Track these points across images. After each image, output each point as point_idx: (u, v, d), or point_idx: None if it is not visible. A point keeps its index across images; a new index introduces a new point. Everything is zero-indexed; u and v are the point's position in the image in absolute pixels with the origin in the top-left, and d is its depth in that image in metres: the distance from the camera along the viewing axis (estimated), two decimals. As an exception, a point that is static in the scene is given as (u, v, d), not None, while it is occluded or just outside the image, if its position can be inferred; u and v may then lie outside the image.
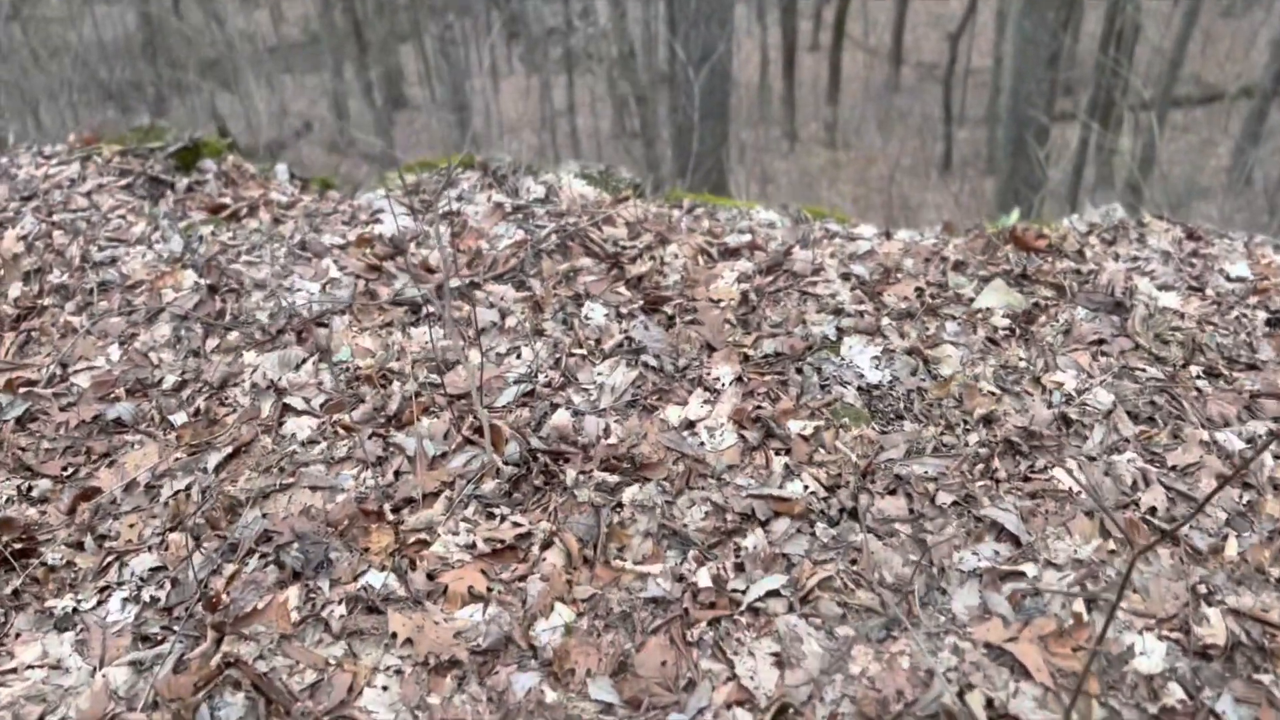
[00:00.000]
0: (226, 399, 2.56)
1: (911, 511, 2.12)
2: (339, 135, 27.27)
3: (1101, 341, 2.62)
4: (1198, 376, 2.51)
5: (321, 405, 2.50)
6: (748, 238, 3.16)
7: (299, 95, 31.91)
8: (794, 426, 2.35)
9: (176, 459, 2.37)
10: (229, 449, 2.37)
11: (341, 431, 2.41)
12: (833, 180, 25.14)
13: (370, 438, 2.38)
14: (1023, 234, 3.02)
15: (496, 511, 2.14)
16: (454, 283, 2.89)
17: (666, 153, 20.17)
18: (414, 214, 3.15)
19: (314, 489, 2.24)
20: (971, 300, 2.83)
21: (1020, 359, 2.58)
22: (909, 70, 35.75)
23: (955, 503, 2.13)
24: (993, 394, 2.44)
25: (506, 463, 2.26)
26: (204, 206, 3.26)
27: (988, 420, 2.36)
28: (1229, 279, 2.96)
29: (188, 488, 2.28)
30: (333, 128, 28.33)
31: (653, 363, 2.58)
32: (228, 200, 3.31)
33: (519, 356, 2.63)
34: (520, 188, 3.31)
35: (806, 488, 2.18)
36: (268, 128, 25.38)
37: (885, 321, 2.72)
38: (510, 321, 2.75)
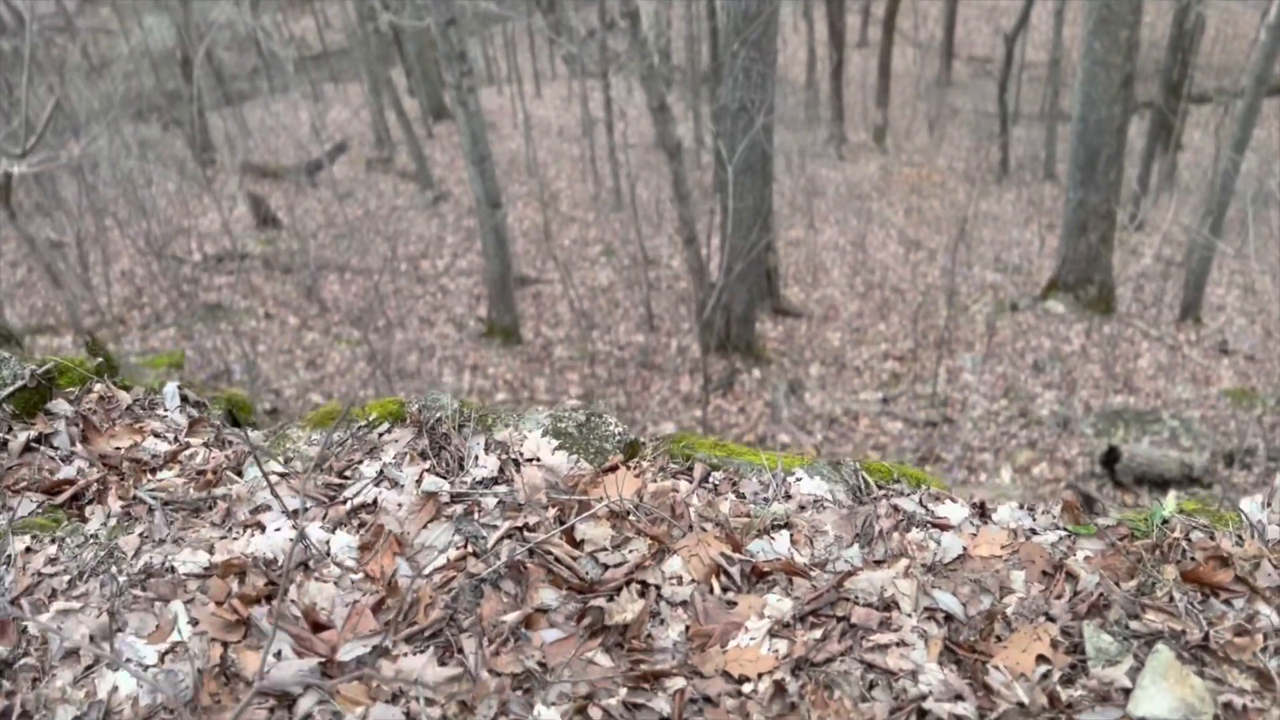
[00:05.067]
0: None
1: None
2: (375, 151, 26.75)
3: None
4: None
5: None
6: (784, 545, 2.19)
7: (342, 104, 31.45)
8: None
9: None
10: None
11: None
12: (883, 192, 24.03)
13: None
14: (1195, 566, 2.01)
15: None
16: (352, 650, 1.97)
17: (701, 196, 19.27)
18: (303, 512, 2.23)
19: None
20: (1126, 694, 1.84)
21: None
22: (960, 65, 34.37)
23: None
24: None
25: None
26: (38, 485, 2.38)
27: None
28: None
29: None
30: (368, 144, 27.83)
31: (632, 845, 1.64)
32: (72, 472, 2.42)
33: (426, 824, 1.71)
34: (466, 456, 2.38)
35: None
36: (303, 147, 24.86)
37: (997, 749, 1.75)
38: (421, 741, 1.82)
